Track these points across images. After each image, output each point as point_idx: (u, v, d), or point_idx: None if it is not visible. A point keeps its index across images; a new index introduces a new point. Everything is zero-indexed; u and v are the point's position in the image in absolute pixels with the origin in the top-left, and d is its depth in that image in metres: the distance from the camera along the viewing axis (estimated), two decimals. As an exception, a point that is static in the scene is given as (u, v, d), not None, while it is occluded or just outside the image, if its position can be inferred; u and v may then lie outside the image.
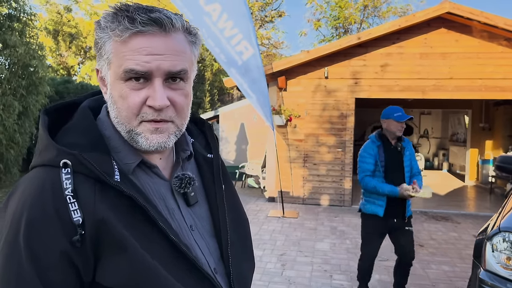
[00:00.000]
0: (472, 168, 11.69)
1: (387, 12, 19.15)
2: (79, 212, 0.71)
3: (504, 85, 7.54)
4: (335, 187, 8.27)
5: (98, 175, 0.75)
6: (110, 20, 0.78)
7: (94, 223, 0.73)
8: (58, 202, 0.72)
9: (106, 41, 0.80)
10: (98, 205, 0.74)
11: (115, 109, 0.82)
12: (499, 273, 2.47)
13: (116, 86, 0.80)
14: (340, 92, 8.15)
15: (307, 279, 4.48)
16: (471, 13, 7.26)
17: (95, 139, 0.80)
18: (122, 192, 0.76)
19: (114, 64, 0.79)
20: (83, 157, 0.75)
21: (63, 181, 0.73)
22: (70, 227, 0.71)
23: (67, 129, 0.82)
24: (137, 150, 0.83)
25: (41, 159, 0.78)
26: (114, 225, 0.74)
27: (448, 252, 5.45)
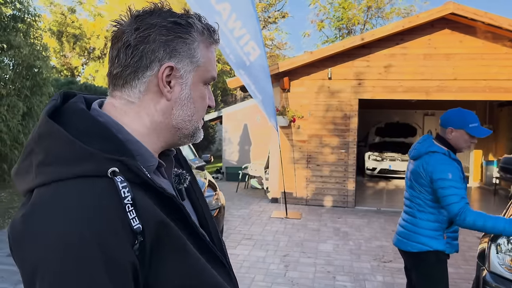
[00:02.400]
0: (476, 170, 11.65)
1: (390, 13, 19.12)
2: (138, 219, 0.69)
3: (508, 86, 7.51)
4: (338, 188, 8.25)
5: (146, 180, 0.74)
6: (202, 26, 0.84)
7: (154, 228, 0.72)
8: (120, 212, 0.68)
9: (198, 44, 0.84)
10: (155, 209, 0.74)
11: (192, 108, 0.85)
12: (504, 274, 2.46)
13: (198, 88, 0.86)
14: (344, 93, 8.14)
15: (310, 280, 4.47)
16: (475, 14, 7.24)
17: (118, 144, 0.76)
18: (163, 193, 0.76)
19: (202, 68, 0.85)
20: (131, 163, 0.73)
21: (121, 190, 0.69)
22: (132, 236, 0.68)
23: (80, 134, 0.74)
24: (150, 152, 0.83)
25: (78, 169, 0.69)
26: (172, 227, 0.75)
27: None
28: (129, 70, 0.80)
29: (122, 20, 0.82)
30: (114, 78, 0.82)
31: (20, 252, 0.68)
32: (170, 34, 0.80)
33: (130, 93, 0.81)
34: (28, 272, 0.66)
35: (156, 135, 0.83)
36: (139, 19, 0.80)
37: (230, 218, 7.11)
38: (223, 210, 5.46)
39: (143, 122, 0.82)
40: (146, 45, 0.79)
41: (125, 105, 0.82)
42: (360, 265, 4.96)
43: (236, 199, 8.95)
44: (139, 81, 0.80)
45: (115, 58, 0.81)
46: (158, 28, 0.79)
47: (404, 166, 12.24)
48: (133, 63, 0.79)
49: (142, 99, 0.81)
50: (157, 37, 0.79)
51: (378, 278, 4.55)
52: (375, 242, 5.90)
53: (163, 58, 0.80)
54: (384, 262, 5.06)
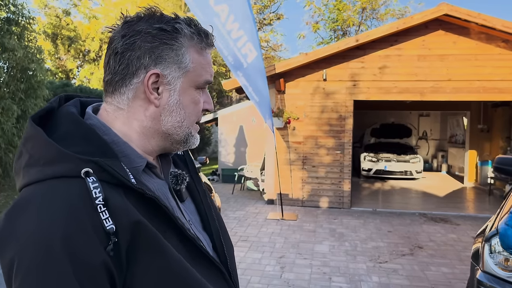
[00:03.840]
0: (471, 170, 11.70)
1: (385, 15, 19.19)
2: (110, 220, 0.69)
3: (502, 86, 7.56)
4: (334, 189, 8.26)
5: (122, 180, 0.74)
6: (191, 31, 0.84)
7: (129, 228, 0.71)
8: (90, 212, 0.68)
9: (186, 50, 0.83)
10: (130, 209, 0.73)
11: (182, 114, 0.85)
12: (497, 274, 2.47)
13: (189, 93, 0.85)
14: (339, 94, 8.16)
15: (306, 281, 4.47)
16: (469, 15, 7.28)
17: (100, 145, 0.77)
18: (143, 194, 0.76)
19: (192, 73, 0.84)
20: (106, 164, 0.73)
21: (92, 190, 0.69)
22: (104, 237, 0.68)
23: (63, 137, 0.76)
24: (138, 152, 0.83)
25: (53, 171, 0.71)
26: (149, 227, 0.73)
27: (447, 254, 5.45)
28: (117, 77, 0.81)
29: (114, 26, 0.84)
30: (106, 84, 0.84)
31: (1, 246, 0.70)
32: (155, 41, 0.80)
33: (119, 100, 0.82)
34: (5, 266, 0.68)
35: (146, 139, 0.84)
36: (127, 25, 0.81)
37: (226, 220, 7.10)
38: (219, 212, 5.44)
39: (132, 127, 0.83)
40: (132, 52, 0.80)
41: (115, 111, 0.83)
42: (356, 266, 4.97)
43: (232, 200, 8.95)
44: (126, 88, 0.81)
45: (106, 65, 0.83)
46: (143, 35, 0.79)
47: (400, 167, 12.29)
48: (121, 70, 0.80)
49: (130, 105, 0.82)
50: (142, 44, 0.80)
51: (374, 279, 4.56)
52: (370, 243, 5.92)
53: (149, 65, 0.80)
54: (380, 263, 5.08)
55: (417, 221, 7.22)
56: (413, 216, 7.62)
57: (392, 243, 5.90)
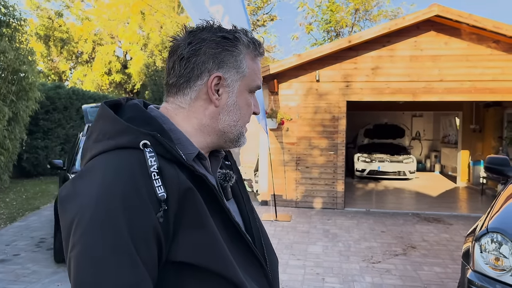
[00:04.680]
0: (464, 170, 11.77)
1: (378, 16, 19.27)
2: (163, 188, 0.75)
3: (493, 86, 7.61)
4: (327, 190, 8.28)
5: (175, 155, 0.81)
6: (248, 40, 0.94)
7: (179, 197, 0.77)
8: (146, 179, 0.75)
9: (244, 56, 0.93)
10: (182, 179, 0.79)
11: (238, 114, 0.94)
12: (488, 273, 2.49)
13: (244, 95, 0.95)
14: (332, 95, 8.18)
15: (299, 282, 4.47)
16: (460, 16, 7.33)
17: (159, 129, 0.85)
18: (193, 172, 0.82)
19: (248, 78, 0.94)
20: (162, 138, 0.81)
21: (148, 159, 0.77)
22: (156, 203, 0.74)
23: (127, 119, 0.85)
24: (191, 142, 0.91)
25: (116, 142, 0.81)
26: (197, 196, 0.80)
27: (440, 254, 5.47)
28: (182, 80, 0.91)
29: (178, 35, 0.94)
30: (169, 86, 0.93)
31: (63, 207, 0.78)
32: (219, 47, 0.90)
33: (182, 100, 0.92)
34: (66, 224, 0.76)
35: (202, 135, 0.93)
36: (192, 34, 0.91)
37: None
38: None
39: (191, 123, 0.92)
40: (198, 57, 0.89)
41: (176, 109, 0.93)
42: (349, 266, 4.97)
43: (226, 202, 8.92)
44: (190, 90, 0.91)
45: (171, 69, 0.92)
46: (208, 42, 0.89)
47: (393, 167, 12.34)
48: (186, 73, 0.90)
49: (192, 105, 0.92)
50: (207, 50, 0.89)
51: (367, 279, 4.57)
52: (364, 243, 5.93)
53: (212, 69, 0.90)
54: (373, 263, 5.09)
55: (410, 221, 7.24)
56: (406, 216, 7.65)
57: (385, 243, 5.91)
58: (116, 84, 21.43)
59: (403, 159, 12.56)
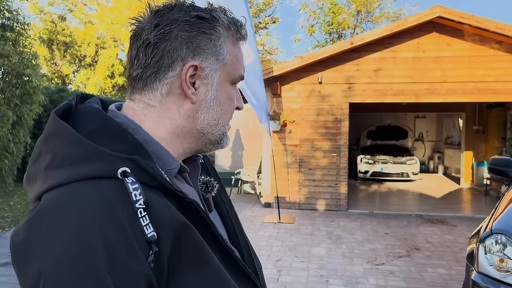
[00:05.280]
0: (467, 171, 11.74)
1: (380, 17, 19.29)
2: (151, 226, 0.61)
3: (496, 87, 7.60)
4: (330, 191, 8.27)
5: (162, 181, 0.66)
6: (228, 20, 0.78)
7: (172, 234, 0.64)
8: (131, 218, 0.60)
9: (224, 40, 0.77)
10: (173, 212, 0.65)
11: (219, 111, 0.78)
12: (492, 275, 2.48)
13: (225, 88, 0.79)
14: (334, 97, 8.19)
15: (303, 284, 4.47)
16: (462, 17, 7.33)
17: (133, 144, 0.68)
18: (183, 199, 0.68)
19: (229, 66, 0.78)
20: (145, 163, 0.65)
21: (131, 192, 0.61)
22: (146, 246, 0.60)
23: (89, 134, 0.67)
24: (171, 154, 0.75)
25: (84, 171, 0.63)
26: (194, 231, 0.66)
27: (444, 255, 5.46)
28: (149, 71, 0.73)
29: (141, 17, 0.75)
30: (134, 80, 0.75)
31: (20, 260, 0.61)
32: (193, 30, 0.73)
33: (151, 96, 0.74)
34: (31, 279, 0.59)
35: (179, 140, 0.76)
36: (159, 14, 0.73)
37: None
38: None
39: (164, 127, 0.75)
40: (168, 42, 0.72)
41: (145, 108, 0.75)
42: (353, 268, 4.97)
43: (229, 204, 8.92)
44: (160, 83, 0.73)
45: (135, 58, 0.74)
46: (180, 24, 0.72)
47: (396, 168, 12.32)
48: (154, 63, 0.72)
49: (163, 102, 0.74)
50: (179, 34, 0.72)
51: (371, 281, 4.56)
52: (367, 245, 5.92)
53: (186, 57, 0.73)
54: (377, 265, 5.08)
55: (414, 223, 7.23)
56: (409, 218, 7.64)
57: (389, 245, 5.90)
58: (119, 87, 21.50)
59: (406, 160, 12.54)
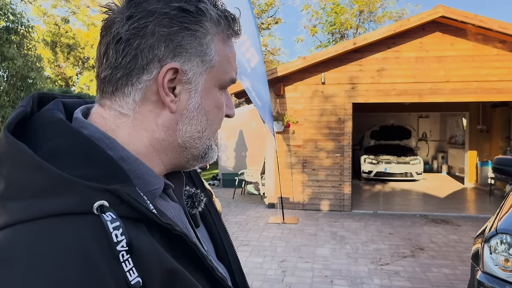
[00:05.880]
0: (471, 170, 11.71)
1: (382, 17, 19.28)
2: (135, 271, 0.51)
3: (499, 87, 7.58)
4: (334, 192, 8.27)
5: (147, 214, 0.55)
6: (218, 13, 0.65)
7: (161, 279, 0.53)
8: (111, 263, 0.49)
9: (212, 38, 0.64)
10: (161, 254, 0.54)
11: (204, 121, 0.66)
12: (497, 275, 2.49)
13: (212, 94, 0.67)
14: (337, 97, 8.19)
15: (308, 285, 4.48)
16: (465, 17, 7.32)
17: (108, 165, 0.56)
18: (170, 231, 0.57)
19: (218, 69, 0.66)
20: (126, 193, 0.53)
21: (112, 232, 0.50)
22: None
23: (51, 154, 0.54)
24: (153, 171, 0.64)
25: (49, 205, 0.50)
26: (186, 277, 0.57)
27: (448, 255, 5.45)
28: (120, 73, 0.60)
29: (114, 4, 0.62)
30: (102, 82, 0.62)
31: None
32: (174, 25, 0.60)
33: (122, 103, 0.62)
34: None
35: (158, 155, 0.65)
36: (133, 3, 0.60)
37: (227, 225, 7.11)
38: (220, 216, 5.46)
39: (140, 140, 0.63)
40: (142, 39, 0.59)
41: (116, 117, 0.62)
42: (357, 269, 4.97)
43: (233, 205, 8.96)
44: (133, 88, 0.61)
45: (103, 56, 0.62)
46: (158, 17, 0.59)
47: (400, 168, 12.30)
48: (125, 63, 0.60)
49: (137, 110, 0.62)
50: (157, 29, 0.59)
51: (376, 281, 4.56)
52: (372, 245, 5.92)
53: (165, 57, 0.60)
54: (381, 265, 5.08)
55: (418, 223, 7.22)
56: (414, 218, 7.63)
57: (393, 245, 5.90)
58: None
59: (410, 160, 12.52)
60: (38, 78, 9.37)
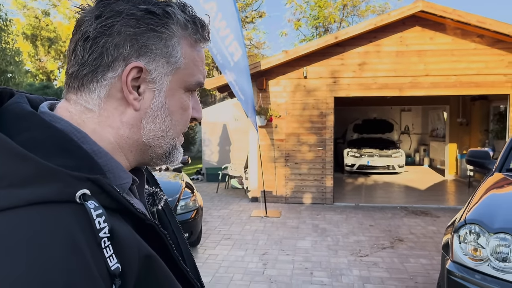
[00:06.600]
0: (451, 163, 11.93)
1: (366, 11, 19.39)
2: (115, 257, 0.53)
3: (478, 80, 7.72)
4: (316, 185, 8.35)
5: (124, 204, 0.58)
6: (185, 18, 0.68)
7: (139, 264, 0.56)
8: (94, 250, 0.51)
9: (178, 41, 0.67)
10: (139, 240, 0.58)
11: (168, 121, 0.68)
12: (466, 264, 2.56)
13: (177, 96, 0.69)
14: (319, 91, 8.24)
15: (288, 277, 4.53)
16: (444, 11, 7.42)
17: (83, 157, 0.58)
18: (144, 221, 0.61)
19: (184, 71, 0.68)
20: (107, 183, 0.56)
21: (95, 220, 0.52)
22: (109, 279, 0.52)
23: (26, 145, 0.54)
24: (122, 166, 0.67)
25: (30, 194, 0.50)
26: (160, 262, 0.60)
27: (426, 246, 5.57)
28: (86, 70, 0.63)
29: (86, 5, 0.66)
30: (70, 78, 0.65)
31: None
32: (140, 26, 0.63)
33: (88, 98, 0.64)
34: None
35: (122, 153, 0.67)
36: (102, 4, 0.64)
37: (210, 219, 7.13)
38: (201, 211, 5.48)
39: (106, 136, 0.65)
40: (109, 38, 0.62)
41: (82, 112, 0.64)
42: (337, 260, 5.05)
43: (216, 199, 8.97)
44: (98, 84, 0.64)
45: (72, 53, 0.65)
46: (125, 17, 0.63)
47: (382, 161, 12.46)
48: (91, 60, 0.63)
49: (103, 107, 0.64)
50: (123, 28, 0.62)
51: (354, 272, 4.64)
52: (352, 237, 6.01)
53: (130, 56, 0.63)
54: (361, 257, 5.17)
55: (398, 215, 7.35)
56: (394, 210, 7.76)
57: (373, 237, 6.00)
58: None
59: (392, 153, 12.69)
60: (17, 72, 9.21)
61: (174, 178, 5.82)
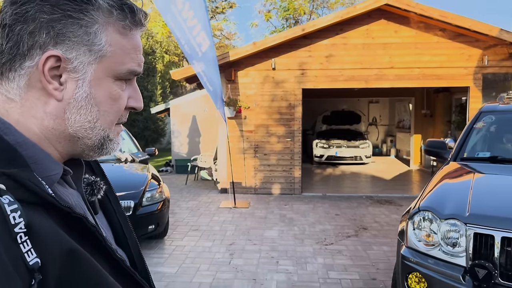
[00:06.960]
0: (416, 153, 12.29)
1: (335, 3, 19.58)
2: (34, 252, 0.52)
3: (440, 73, 7.97)
4: (285, 176, 8.45)
5: (46, 198, 0.57)
6: (109, 3, 0.64)
7: (61, 259, 0.55)
8: (8, 245, 0.50)
9: (101, 27, 0.64)
10: (61, 234, 0.57)
11: (95, 112, 0.66)
12: (420, 249, 2.67)
13: (104, 85, 0.66)
14: (288, 83, 8.31)
15: (254, 266, 4.59)
16: (408, 5, 7.60)
17: (4, 149, 0.58)
18: (69, 214, 0.59)
19: (110, 59, 0.65)
20: (23, 177, 0.55)
21: (9, 215, 0.51)
22: (28, 274, 0.51)
23: None
24: (52, 157, 0.65)
25: None
26: (85, 256, 0.59)
27: (389, 234, 5.75)
28: (4, 58, 0.62)
29: None
30: None
31: None
32: (56, 12, 0.60)
33: (8, 88, 0.63)
34: None
35: (51, 143, 0.65)
36: None
37: (178, 210, 7.11)
38: (168, 202, 5.46)
39: (30, 128, 0.63)
40: (24, 25, 0.60)
41: (5, 102, 0.63)
42: (303, 249, 5.14)
43: (185, 191, 8.95)
44: (16, 73, 0.62)
45: None
46: (39, 3, 0.60)
47: (350, 152, 12.71)
48: (8, 49, 0.61)
49: (24, 97, 0.62)
50: (38, 15, 0.60)
51: (319, 260, 4.75)
52: (318, 226, 6.13)
53: (46, 44, 0.61)
54: (326, 245, 5.29)
55: (364, 204, 7.54)
56: (360, 199, 7.95)
57: (338, 226, 6.14)
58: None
59: (360, 144, 12.95)
60: None
61: (141, 170, 5.76)
